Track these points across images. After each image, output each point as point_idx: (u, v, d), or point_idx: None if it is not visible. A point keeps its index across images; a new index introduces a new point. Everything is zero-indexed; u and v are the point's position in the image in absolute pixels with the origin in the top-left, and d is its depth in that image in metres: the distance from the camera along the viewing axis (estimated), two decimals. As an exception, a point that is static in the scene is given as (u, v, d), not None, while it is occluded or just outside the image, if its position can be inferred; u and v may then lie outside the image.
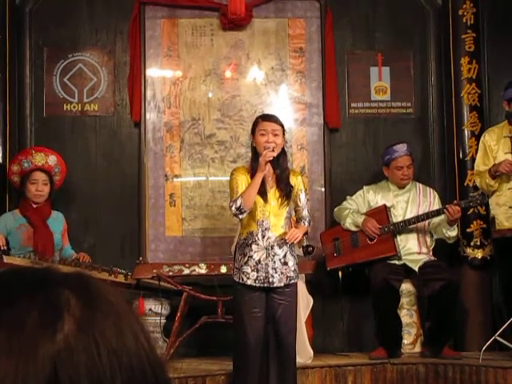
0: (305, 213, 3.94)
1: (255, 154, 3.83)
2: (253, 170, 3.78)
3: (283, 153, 3.87)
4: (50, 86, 5.24)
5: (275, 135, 3.79)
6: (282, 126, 3.88)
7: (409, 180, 4.91)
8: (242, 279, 3.77)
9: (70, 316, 0.60)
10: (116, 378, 0.59)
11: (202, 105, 5.31)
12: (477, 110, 5.14)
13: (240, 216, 3.75)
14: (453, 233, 4.77)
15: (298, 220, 3.98)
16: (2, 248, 4.26)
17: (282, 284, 3.78)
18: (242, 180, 3.82)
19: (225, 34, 5.34)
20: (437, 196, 4.95)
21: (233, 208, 3.72)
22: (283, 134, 3.86)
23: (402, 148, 4.88)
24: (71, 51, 5.28)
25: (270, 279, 3.76)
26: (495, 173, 4.49)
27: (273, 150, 3.72)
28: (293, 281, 3.82)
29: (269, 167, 3.76)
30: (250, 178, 3.78)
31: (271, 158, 3.71)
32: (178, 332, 4.48)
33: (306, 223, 3.95)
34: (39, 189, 4.57)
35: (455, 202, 4.69)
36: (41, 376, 0.57)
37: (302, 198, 3.92)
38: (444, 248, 4.93)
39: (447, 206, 4.61)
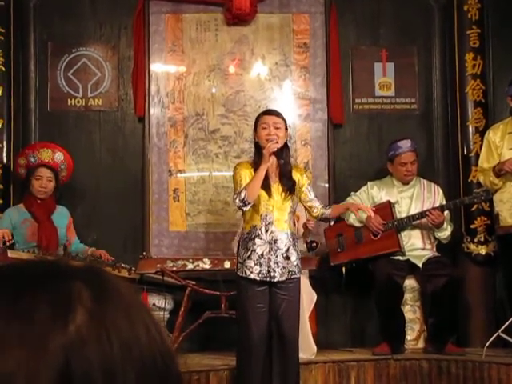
0: (319, 202, 3.93)
1: (258, 150, 3.84)
2: (256, 166, 3.78)
3: (286, 147, 3.88)
4: (54, 80, 5.24)
5: (277, 128, 3.80)
6: (284, 120, 3.89)
7: (413, 176, 4.90)
8: (246, 273, 3.77)
9: (83, 307, 0.60)
10: (128, 370, 0.59)
11: (206, 100, 5.31)
12: (481, 105, 5.13)
13: (244, 208, 3.75)
14: (443, 233, 4.76)
15: (319, 213, 3.92)
16: (8, 242, 4.26)
17: (284, 278, 3.77)
18: (246, 174, 3.82)
19: (229, 29, 5.34)
20: (441, 192, 4.94)
21: (237, 200, 3.72)
22: (286, 129, 3.87)
23: (405, 144, 4.87)
24: (75, 46, 5.28)
25: (272, 273, 3.75)
26: (499, 171, 4.48)
27: (276, 142, 3.72)
28: (295, 276, 3.81)
29: (272, 160, 3.77)
30: (254, 173, 3.78)
31: (275, 150, 3.71)
32: (182, 327, 4.49)
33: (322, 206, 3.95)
34: (43, 185, 4.57)
35: (459, 198, 4.68)
36: (53, 367, 0.57)
37: (311, 191, 3.93)
38: (448, 244, 4.92)
39: (429, 210, 4.63)
